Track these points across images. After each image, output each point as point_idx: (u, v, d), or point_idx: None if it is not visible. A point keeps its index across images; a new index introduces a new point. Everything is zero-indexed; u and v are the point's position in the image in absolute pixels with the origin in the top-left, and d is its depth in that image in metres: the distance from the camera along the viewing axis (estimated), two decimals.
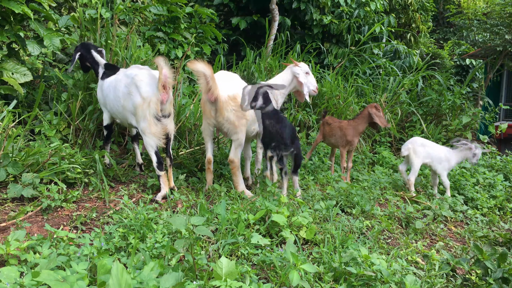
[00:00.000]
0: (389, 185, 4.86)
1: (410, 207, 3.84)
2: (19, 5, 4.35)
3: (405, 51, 10.47)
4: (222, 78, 3.81)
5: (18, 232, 2.37)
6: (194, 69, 3.52)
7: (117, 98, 3.80)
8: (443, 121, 7.25)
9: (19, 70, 4.60)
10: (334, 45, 9.98)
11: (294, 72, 4.38)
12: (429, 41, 16.18)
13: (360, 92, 7.87)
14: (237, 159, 3.78)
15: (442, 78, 7.92)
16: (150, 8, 6.22)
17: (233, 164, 3.78)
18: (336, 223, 3.28)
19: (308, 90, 4.40)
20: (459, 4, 14.66)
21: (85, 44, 4.33)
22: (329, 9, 9.92)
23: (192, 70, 3.57)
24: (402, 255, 2.99)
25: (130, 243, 2.50)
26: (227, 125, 3.73)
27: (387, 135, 6.90)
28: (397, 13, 13.45)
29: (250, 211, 3.16)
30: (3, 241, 2.50)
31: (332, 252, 2.71)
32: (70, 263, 1.98)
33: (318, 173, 4.96)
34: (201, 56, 6.94)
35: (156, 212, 3.02)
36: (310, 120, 6.38)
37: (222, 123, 3.73)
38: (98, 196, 3.59)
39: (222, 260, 1.97)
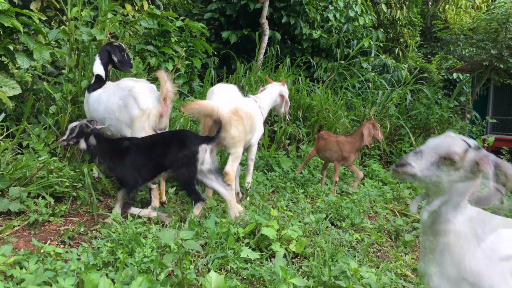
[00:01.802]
0: (379, 198, 4.88)
1: (399, 220, 3.86)
2: (9, 18, 4.35)
3: (394, 65, 10.61)
4: (220, 93, 3.84)
5: (4, 247, 2.34)
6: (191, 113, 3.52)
7: (109, 110, 3.76)
8: (432, 134, 7.33)
9: (8, 83, 4.57)
10: (323, 59, 10.09)
11: (282, 91, 4.53)
12: (417, 55, 16.41)
13: (350, 106, 7.94)
14: (233, 172, 3.78)
15: (430, 92, 8.02)
16: (141, 22, 6.25)
17: (228, 177, 3.76)
18: (326, 236, 3.28)
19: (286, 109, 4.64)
20: (446, 20, 14.93)
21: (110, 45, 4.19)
22: (319, 24, 10.05)
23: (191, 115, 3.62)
24: (392, 268, 2.99)
25: (118, 257, 2.48)
26: (228, 140, 3.72)
27: (377, 148, 6.94)
28: (385, 28, 13.67)
29: (240, 225, 3.16)
30: None
31: (322, 266, 2.71)
32: (57, 278, 1.96)
33: (308, 186, 4.97)
34: (192, 70, 6.97)
35: (145, 226, 3.00)
36: (300, 133, 6.41)
37: (224, 138, 3.71)
38: (87, 210, 3.56)
39: (211, 274, 1.96)
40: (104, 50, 4.09)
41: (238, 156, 3.82)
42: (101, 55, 4.07)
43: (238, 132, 3.74)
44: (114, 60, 4.11)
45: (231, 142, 3.76)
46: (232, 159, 3.79)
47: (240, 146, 3.81)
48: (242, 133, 3.78)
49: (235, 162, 3.80)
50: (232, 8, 9.65)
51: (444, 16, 16.65)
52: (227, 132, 3.70)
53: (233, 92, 3.97)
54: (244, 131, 3.81)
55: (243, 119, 3.77)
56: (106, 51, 4.09)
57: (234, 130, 3.72)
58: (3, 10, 4.31)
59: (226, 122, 3.66)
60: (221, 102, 3.71)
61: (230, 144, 3.78)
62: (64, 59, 5.20)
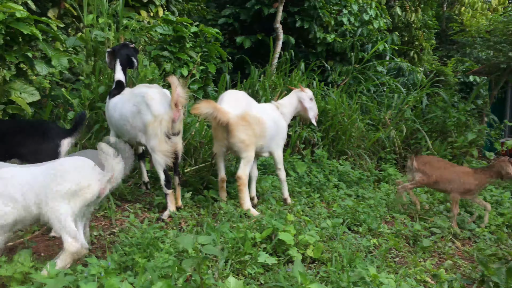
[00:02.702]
0: (396, 202, 4.83)
1: (417, 225, 3.81)
2: (28, 26, 4.42)
3: (409, 68, 10.53)
4: (229, 99, 3.88)
5: (24, 252, 2.38)
6: (198, 114, 3.63)
7: (124, 117, 3.80)
8: (449, 138, 7.23)
9: (27, 89, 4.65)
10: (338, 63, 10.06)
11: (300, 97, 4.49)
12: (432, 58, 16.25)
13: (365, 109, 7.89)
14: (245, 176, 3.80)
15: (446, 95, 7.93)
16: (156, 28, 6.31)
17: (241, 181, 3.80)
18: (343, 241, 3.25)
19: (314, 114, 4.53)
20: (462, 22, 14.78)
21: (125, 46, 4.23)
22: (333, 28, 10.03)
23: (199, 115, 3.67)
24: (411, 274, 2.96)
25: (136, 262, 2.49)
26: (238, 144, 3.79)
27: (393, 153, 6.88)
28: (400, 31, 13.58)
29: (257, 230, 3.15)
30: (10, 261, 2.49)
31: (340, 271, 2.69)
32: (78, 283, 1.97)
33: (323, 191, 4.94)
34: (206, 75, 7.00)
35: (163, 231, 3.01)
36: (315, 138, 6.38)
37: (233, 143, 3.79)
38: (104, 215, 3.59)
39: (230, 280, 1.96)
40: (124, 54, 4.14)
41: (249, 160, 3.84)
42: (121, 59, 4.12)
43: (246, 136, 3.77)
44: (134, 62, 4.17)
45: (241, 146, 3.79)
46: (243, 163, 3.83)
47: (250, 150, 3.83)
48: (252, 137, 3.80)
49: (247, 166, 3.83)
50: (246, 13, 9.69)
51: (460, 18, 16.47)
52: (235, 137, 3.74)
53: (243, 98, 3.99)
54: (253, 135, 3.82)
55: (252, 124, 3.80)
56: (126, 55, 4.15)
57: (242, 134, 3.75)
58: (22, 18, 4.38)
59: (233, 127, 3.69)
60: (230, 106, 3.74)
61: (241, 149, 3.81)
62: (81, 65, 5.26)
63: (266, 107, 4.27)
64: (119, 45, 4.28)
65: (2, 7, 4.29)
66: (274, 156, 4.27)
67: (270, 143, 4.15)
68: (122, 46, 4.23)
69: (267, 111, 4.16)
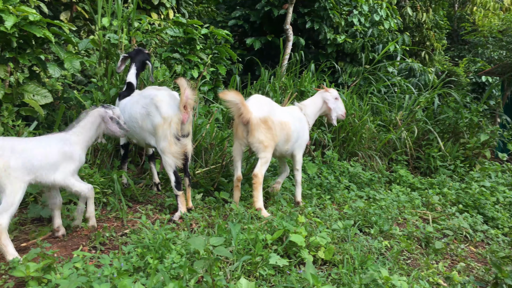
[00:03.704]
0: (407, 204, 4.80)
1: (429, 227, 3.78)
2: (41, 29, 4.47)
3: (420, 69, 10.45)
4: (255, 102, 3.95)
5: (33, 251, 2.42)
6: (225, 99, 3.68)
7: (133, 119, 3.83)
8: (461, 139, 7.16)
9: (40, 92, 4.70)
10: (348, 64, 10.02)
11: (324, 97, 4.55)
12: (444, 58, 16.12)
13: (375, 110, 7.85)
14: (261, 175, 3.86)
15: (458, 96, 7.86)
16: (167, 30, 6.34)
17: (256, 179, 3.85)
18: (354, 243, 3.24)
19: (337, 114, 4.62)
20: (474, 22, 14.63)
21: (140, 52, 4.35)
22: (343, 29, 9.99)
23: (224, 100, 3.71)
24: (423, 276, 2.93)
25: (148, 263, 2.50)
26: (257, 145, 3.86)
27: (404, 154, 6.84)
28: (411, 32, 13.49)
29: (268, 231, 3.15)
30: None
31: (352, 273, 2.68)
32: (92, 284, 1.99)
33: (334, 192, 4.92)
34: (216, 77, 7.03)
35: (174, 232, 3.02)
36: (325, 139, 6.37)
37: (252, 143, 3.87)
38: (116, 216, 3.62)
39: (241, 281, 1.96)
40: (139, 60, 4.24)
41: (267, 161, 3.90)
42: (137, 64, 4.22)
43: (265, 137, 3.84)
44: (150, 67, 4.26)
45: (260, 147, 3.86)
46: (261, 163, 3.89)
47: (268, 151, 3.89)
48: (270, 139, 3.87)
49: (263, 166, 3.89)
50: (256, 15, 9.70)
51: (472, 18, 16.31)
52: (254, 137, 3.82)
53: (267, 103, 4.06)
54: (273, 139, 3.88)
55: (272, 128, 3.87)
56: (141, 60, 4.25)
57: (261, 135, 3.83)
58: (35, 21, 4.44)
59: (254, 127, 3.74)
60: (254, 108, 3.83)
61: (259, 149, 3.87)
62: (94, 68, 5.31)
63: (290, 110, 4.34)
64: (134, 50, 4.36)
65: (16, 11, 4.34)
66: (295, 157, 4.33)
67: (294, 145, 4.22)
68: (138, 51, 4.33)
69: (291, 115, 4.23)
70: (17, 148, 2.72)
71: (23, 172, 2.69)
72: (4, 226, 2.57)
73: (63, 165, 2.91)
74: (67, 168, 2.94)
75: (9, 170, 2.63)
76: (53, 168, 2.86)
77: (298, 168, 4.35)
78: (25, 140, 2.85)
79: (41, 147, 2.84)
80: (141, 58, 4.25)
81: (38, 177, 2.80)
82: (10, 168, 2.64)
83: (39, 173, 2.79)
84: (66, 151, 2.94)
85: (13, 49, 4.53)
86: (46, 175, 2.83)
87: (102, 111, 3.18)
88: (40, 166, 2.79)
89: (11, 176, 2.64)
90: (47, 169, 2.83)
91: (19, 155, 2.70)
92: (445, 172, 6.41)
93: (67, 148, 2.95)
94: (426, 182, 5.84)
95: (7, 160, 2.64)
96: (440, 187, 5.63)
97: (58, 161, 2.89)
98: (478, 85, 12.59)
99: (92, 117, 3.15)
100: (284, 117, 4.06)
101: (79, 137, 3.07)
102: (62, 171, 2.91)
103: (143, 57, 4.27)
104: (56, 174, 2.88)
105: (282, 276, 2.58)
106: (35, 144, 2.83)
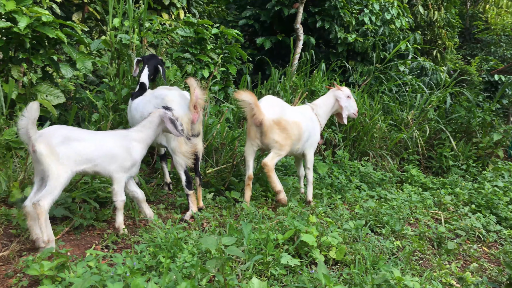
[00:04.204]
0: (419, 204, 4.77)
1: (441, 227, 3.75)
2: (53, 29, 4.52)
3: (432, 67, 10.35)
4: (267, 103, 3.99)
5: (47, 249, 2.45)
6: (239, 99, 3.72)
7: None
8: (473, 138, 7.09)
9: (52, 92, 4.76)
10: (359, 63, 9.97)
11: (336, 95, 4.54)
12: (455, 57, 15.96)
13: (387, 110, 7.80)
14: (271, 164, 3.90)
15: (471, 95, 7.78)
16: (178, 31, 6.37)
17: (267, 167, 3.90)
18: (366, 243, 3.22)
19: (348, 113, 4.62)
20: (487, 20, 14.46)
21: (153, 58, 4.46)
22: (354, 28, 9.94)
23: (238, 100, 3.75)
24: (436, 277, 2.91)
25: (160, 262, 2.52)
26: (273, 144, 3.92)
27: (416, 153, 6.78)
28: (422, 30, 13.38)
29: (279, 231, 3.15)
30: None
31: (363, 274, 2.67)
32: (105, 282, 2.00)
33: (345, 192, 4.90)
34: (227, 76, 7.04)
35: (186, 232, 3.03)
36: (336, 139, 6.34)
37: (267, 143, 3.93)
38: (128, 215, 3.64)
39: (253, 281, 1.97)
40: (152, 64, 4.30)
41: (280, 154, 3.96)
42: (149, 67, 4.28)
43: (280, 138, 3.90)
44: (161, 74, 4.35)
45: (276, 146, 3.93)
46: (273, 155, 3.94)
47: (283, 150, 3.95)
48: (284, 139, 3.91)
49: (275, 159, 3.94)
50: (266, 14, 9.69)
51: (485, 16, 16.12)
52: (269, 138, 3.88)
53: (279, 104, 4.08)
54: (287, 138, 3.92)
55: (286, 129, 3.91)
56: (154, 65, 4.31)
57: (276, 136, 3.89)
58: (48, 22, 4.49)
59: (267, 129, 3.75)
60: (267, 110, 3.87)
61: (275, 147, 3.94)
62: (105, 68, 5.36)
63: (302, 110, 4.35)
64: (148, 55, 4.44)
65: (29, 12, 4.39)
66: (306, 156, 4.34)
67: (306, 144, 4.24)
68: (151, 56, 4.40)
69: (303, 114, 4.24)
70: (71, 137, 2.89)
71: (71, 160, 2.85)
72: (45, 208, 2.72)
73: (119, 159, 3.08)
74: (123, 163, 3.10)
75: (57, 155, 2.79)
76: (111, 161, 3.05)
77: (309, 166, 4.36)
78: (83, 131, 3.05)
79: (97, 139, 3.02)
80: (153, 62, 4.32)
81: (94, 167, 2.99)
82: (59, 154, 2.79)
83: (94, 164, 2.97)
84: (124, 145, 3.11)
85: (27, 50, 4.59)
86: (103, 167, 3.02)
87: (162, 112, 3.30)
88: (93, 157, 2.96)
89: (58, 161, 2.79)
90: (104, 161, 3.01)
91: (71, 143, 2.87)
92: (458, 172, 6.36)
93: (126, 143, 3.13)
94: (438, 182, 5.79)
95: (57, 146, 2.80)
96: (452, 187, 5.59)
97: (116, 154, 3.06)
98: (491, 84, 12.45)
99: (152, 117, 3.31)
100: (296, 117, 4.07)
101: (139, 134, 3.23)
102: (117, 164, 3.07)
103: (155, 61, 4.34)
104: (112, 166, 3.06)
105: (293, 276, 2.58)
106: (91, 136, 3.02)
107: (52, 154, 2.77)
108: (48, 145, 2.77)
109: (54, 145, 2.79)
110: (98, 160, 2.98)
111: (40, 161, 2.76)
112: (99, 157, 2.99)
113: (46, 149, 2.76)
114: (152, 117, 3.30)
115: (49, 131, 2.87)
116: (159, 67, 4.35)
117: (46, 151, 2.76)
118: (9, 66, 4.61)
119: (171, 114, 3.30)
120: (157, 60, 4.36)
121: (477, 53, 17.53)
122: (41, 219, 2.72)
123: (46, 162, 2.76)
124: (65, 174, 2.81)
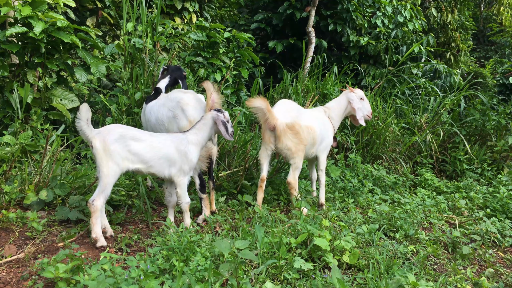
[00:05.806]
0: (433, 208, 4.72)
1: (456, 232, 3.70)
2: (68, 34, 4.58)
3: (445, 70, 10.26)
4: (282, 107, 4.02)
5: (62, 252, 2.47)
6: (251, 106, 3.78)
7: (160, 121, 3.88)
8: (488, 141, 7.00)
9: (67, 96, 4.82)
10: (371, 66, 9.92)
11: (349, 97, 4.52)
12: (469, 60, 15.80)
13: (400, 113, 7.74)
14: (294, 181, 3.95)
15: (485, 98, 7.68)
16: (190, 35, 6.40)
17: (291, 186, 3.95)
18: (379, 247, 3.20)
19: (363, 115, 4.56)
20: (501, 22, 14.30)
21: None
22: (366, 31, 9.90)
23: (250, 108, 3.81)
24: (451, 282, 2.88)
25: (174, 265, 2.53)
26: (285, 151, 3.94)
27: (429, 157, 6.72)
28: (435, 33, 13.27)
29: (291, 235, 3.14)
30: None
31: (378, 278, 2.64)
32: (119, 285, 2.02)
33: (358, 196, 4.87)
34: (239, 80, 7.05)
35: (199, 235, 3.04)
36: (349, 142, 6.32)
37: (280, 149, 3.94)
38: (141, 218, 3.66)
39: (267, 285, 1.96)
40: (174, 76, 4.38)
41: (297, 166, 3.98)
42: (171, 77, 4.36)
43: (292, 143, 3.89)
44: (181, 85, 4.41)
45: (288, 153, 3.94)
46: (292, 169, 3.98)
47: (297, 157, 3.95)
48: (298, 144, 3.91)
49: (295, 172, 3.97)
50: (278, 18, 9.70)
51: (499, 18, 15.94)
52: (282, 143, 3.89)
53: (294, 107, 4.10)
54: (301, 143, 3.92)
55: (300, 133, 3.91)
56: (175, 77, 4.39)
57: (289, 142, 3.89)
58: (62, 27, 4.55)
59: (280, 133, 3.76)
60: (281, 114, 3.89)
61: (288, 155, 3.96)
62: (119, 72, 5.41)
63: (315, 113, 4.36)
64: (174, 66, 4.52)
65: (44, 17, 4.46)
66: (319, 159, 4.34)
67: (319, 148, 4.25)
68: (177, 68, 4.47)
69: (317, 118, 4.25)
70: (127, 135, 3.01)
71: (123, 159, 2.98)
72: (98, 207, 2.92)
73: (178, 162, 3.17)
74: (182, 167, 3.19)
75: (110, 152, 2.92)
76: (167, 163, 3.15)
77: (322, 168, 4.35)
78: (143, 132, 3.17)
79: (155, 142, 3.12)
80: (175, 74, 4.40)
81: (148, 168, 3.10)
82: (112, 151, 2.92)
83: (148, 165, 3.09)
84: (182, 150, 3.17)
85: (42, 55, 4.65)
86: (158, 169, 3.14)
87: (215, 114, 3.34)
88: (148, 158, 3.07)
89: (110, 158, 2.92)
90: (160, 164, 3.13)
91: (127, 142, 2.99)
92: (472, 175, 6.28)
93: (183, 147, 3.19)
94: (452, 185, 5.73)
95: (111, 143, 2.93)
96: (466, 191, 5.52)
97: (173, 157, 3.16)
98: (506, 86, 12.26)
99: (206, 119, 3.35)
100: (310, 121, 4.07)
101: (194, 136, 3.27)
102: (178, 168, 3.17)
103: (178, 74, 4.41)
104: (172, 169, 3.17)
105: (307, 280, 2.56)
106: (147, 137, 3.11)
107: (105, 151, 2.90)
108: (103, 141, 2.91)
109: (109, 142, 2.91)
110: (152, 162, 3.08)
111: (95, 158, 2.93)
112: (155, 159, 3.09)
113: (101, 145, 2.90)
114: (205, 119, 3.35)
115: (106, 128, 3.02)
116: (179, 80, 4.41)
117: (100, 148, 2.90)
118: (25, 71, 4.68)
119: (223, 116, 3.34)
120: (180, 73, 4.43)
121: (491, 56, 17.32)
122: (92, 217, 2.91)
123: (99, 158, 2.91)
124: (114, 172, 2.94)
